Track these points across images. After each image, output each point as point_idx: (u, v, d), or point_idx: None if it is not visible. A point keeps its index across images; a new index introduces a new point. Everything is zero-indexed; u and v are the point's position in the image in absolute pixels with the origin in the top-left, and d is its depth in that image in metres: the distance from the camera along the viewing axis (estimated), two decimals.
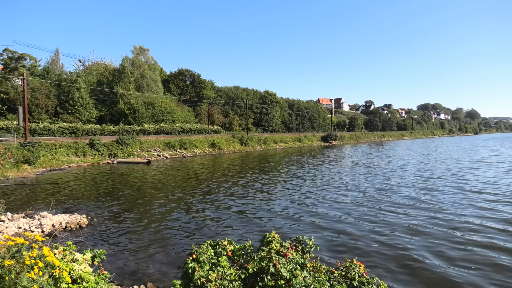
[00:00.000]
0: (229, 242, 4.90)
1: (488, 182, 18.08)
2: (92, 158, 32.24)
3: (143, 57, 61.04)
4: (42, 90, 41.22)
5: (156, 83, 58.91)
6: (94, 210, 12.85)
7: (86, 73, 53.05)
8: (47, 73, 46.93)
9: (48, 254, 3.33)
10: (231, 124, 66.63)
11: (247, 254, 4.72)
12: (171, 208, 13.05)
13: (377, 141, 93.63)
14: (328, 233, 9.66)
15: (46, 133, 37.76)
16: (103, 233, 9.96)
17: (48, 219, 10.43)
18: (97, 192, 16.74)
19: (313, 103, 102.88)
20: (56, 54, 57.77)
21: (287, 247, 4.67)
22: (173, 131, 50.93)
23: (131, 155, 36.17)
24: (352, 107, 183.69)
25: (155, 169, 27.39)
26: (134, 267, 7.52)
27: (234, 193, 16.04)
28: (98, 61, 62.40)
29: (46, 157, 28.41)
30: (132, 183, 19.59)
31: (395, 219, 10.99)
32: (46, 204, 13.28)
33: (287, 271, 3.96)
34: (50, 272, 3.35)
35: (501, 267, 7.16)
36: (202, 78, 67.55)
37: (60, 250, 4.15)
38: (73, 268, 3.79)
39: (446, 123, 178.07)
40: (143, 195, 15.92)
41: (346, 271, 4.56)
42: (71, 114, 43.10)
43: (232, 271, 4.13)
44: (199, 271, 3.93)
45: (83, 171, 25.89)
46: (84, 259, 4.24)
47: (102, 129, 43.08)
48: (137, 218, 11.61)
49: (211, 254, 4.33)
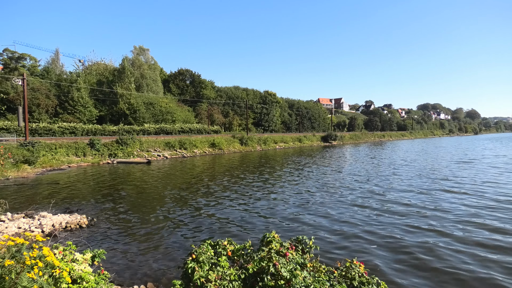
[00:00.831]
0: (229, 242, 4.91)
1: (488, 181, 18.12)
2: (92, 158, 32.24)
3: (143, 57, 61.05)
4: (42, 90, 41.21)
5: (156, 83, 58.92)
6: (94, 210, 12.85)
7: (86, 73, 53.03)
8: (47, 73, 46.93)
9: (48, 254, 3.33)
10: (231, 124, 66.63)
11: (247, 254, 4.73)
12: (171, 208, 13.05)
13: (377, 141, 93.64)
14: (328, 233, 9.66)
15: (46, 133, 37.76)
16: (103, 233, 9.96)
17: (48, 219, 10.43)
18: (97, 192, 16.74)
19: (313, 103, 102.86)
20: (56, 54, 57.79)
21: (287, 247, 4.68)
22: (173, 131, 50.93)
23: (131, 155, 36.16)
24: (352, 107, 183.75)
25: (155, 169, 27.39)
26: (134, 267, 7.52)
27: (234, 193, 16.04)
28: (98, 61, 62.43)
29: (46, 157, 28.41)
30: (132, 183, 19.59)
31: (396, 219, 10.99)
32: (46, 204, 13.27)
33: (287, 271, 3.96)
34: (50, 272, 3.35)
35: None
36: (202, 78, 67.56)
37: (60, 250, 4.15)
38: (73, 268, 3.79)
39: (446, 123, 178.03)
40: (143, 195, 15.92)
41: (346, 271, 4.57)
42: (71, 114, 43.09)
43: (232, 271, 4.13)
44: (198, 271, 3.93)
45: (83, 171, 25.89)
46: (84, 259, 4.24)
47: (102, 129, 43.07)
48: (137, 218, 11.61)
49: (211, 254, 4.34)
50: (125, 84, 49.09)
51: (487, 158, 33.69)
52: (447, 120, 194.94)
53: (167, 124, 51.85)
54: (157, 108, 53.35)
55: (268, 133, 70.30)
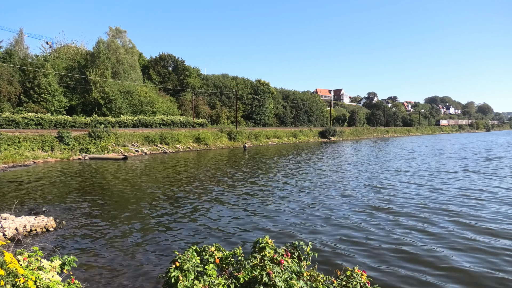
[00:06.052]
0: (216, 248, 4.88)
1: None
2: (60, 153, 31.87)
3: (120, 40, 60.35)
4: (3, 75, 40.38)
5: (134, 69, 58.35)
6: (63, 212, 12.71)
7: (55, 57, 52.18)
8: (10, 56, 45.97)
9: (11, 261, 3.27)
10: (218, 117, 66.46)
11: (237, 262, 4.71)
12: (150, 210, 12.98)
13: (380, 137, 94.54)
14: (326, 238, 9.72)
15: (9, 124, 37.04)
16: (73, 238, 9.86)
17: (11, 222, 10.26)
18: (67, 192, 16.56)
19: (310, 95, 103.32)
20: (20, 34, 56.73)
21: (282, 253, 4.67)
22: (153, 123, 50.56)
23: (105, 150, 35.84)
24: (353, 100, 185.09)
25: (133, 166, 27.20)
26: (109, 276, 7.45)
27: (222, 194, 16.04)
28: (68, 44, 61.42)
29: (8, 152, 27.98)
30: (106, 182, 19.43)
31: (397, 225, 11.12)
32: (8, 205, 13.08)
33: (281, 281, 3.96)
34: (13, 281, 3.29)
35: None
36: (186, 65, 67.10)
37: (24, 257, 4.08)
38: (39, 276, 3.73)
39: (456, 118, 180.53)
40: (118, 196, 15.80)
41: (347, 281, 4.58)
42: (37, 103, 42.42)
43: (220, 280, 4.11)
44: (183, 280, 3.90)
45: (51, 168, 25.57)
46: (52, 266, 4.18)
47: (72, 120, 42.47)
48: (112, 221, 11.52)
49: (196, 262, 4.31)
50: (100, 70, 48.40)
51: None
52: (457, 115, 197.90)
53: (147, 116, 51.46)
54: (135, 98, 52.88)
55: (260, 127, 70.41)
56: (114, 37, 59.46)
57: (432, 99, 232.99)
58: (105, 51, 51.55)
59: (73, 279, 4.22)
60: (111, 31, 59.74)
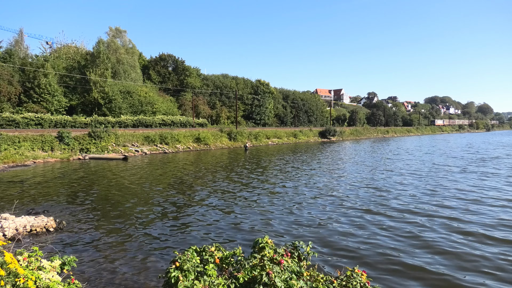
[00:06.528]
0: (217, 248, 4.88)
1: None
2: (60, 153, 31.86)
3: (120, 40, 60.40)
4: (3, 75, 40.37)
5: (135, 69, 58.36)
6: (63, 212, 12.71)
7: (55, 57, 52.14)
8: (10, 56, 45.98)
9: (11, 261, 3.27)
10: (218, 117, 66.44)
11: (237, 262, 4.71)
12: (150, 210, 12.98)
13: (380, 137, 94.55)
14: (327, 238, 9.72)
15: (9, 124, 37.04)
16: (73, 238, 9.85)
17: (11, 222, 10.26)
18: (67, 192, 16.56)
19: (310, 95, 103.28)
20: (20, 34, 56.77)
21: (281, 253, 4.67)
22: (153, 123, 50.56)
23: (105, 150, 35.84)
24: (353, 100, 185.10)
25: (133, 166, 27.20)
26: (109, 276, 7.45)
27: (222, 194, 16.03)
28: (69, 44, 61.36)
29: (9, 152, 27.98)
30: (106, 182, 19.42)
31: (399, 225, 11.12)
32: (8, 205, 13.08)
33: (281, 281, 3.96)
34: (13, 281, 3.29)
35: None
36: (186, 65, 67.07)
37: (24, 257, 4.08)
38: (39, 276, 3.73)
39: (456, 118, 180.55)
40: (118, 196, 15.79)
41: (347, 281, 4.58)
42: (37, 103, 42.41)
43: (220, 280, 4.11)
44: (183, 280, 3.90)
45: (51, 168, 25.57)
46: (52, 266, 4.18)
47: (72, 120, 42.47)
48: (112, 221, 11.51)
49: (196, 262, 4.31)
50: (100, 70, 48.38)
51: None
52: (457, 115, 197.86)
53: (147, 116, 51.46)
54: (135, 98, 52.87)
55: (260, 127, 70.38)
56: (114, 37, 59.51)
57: (432, 99, 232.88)
58: (105, 51, 51.56)
59: (73, 279, 4.22)
60: (111, 31, 59.80)
